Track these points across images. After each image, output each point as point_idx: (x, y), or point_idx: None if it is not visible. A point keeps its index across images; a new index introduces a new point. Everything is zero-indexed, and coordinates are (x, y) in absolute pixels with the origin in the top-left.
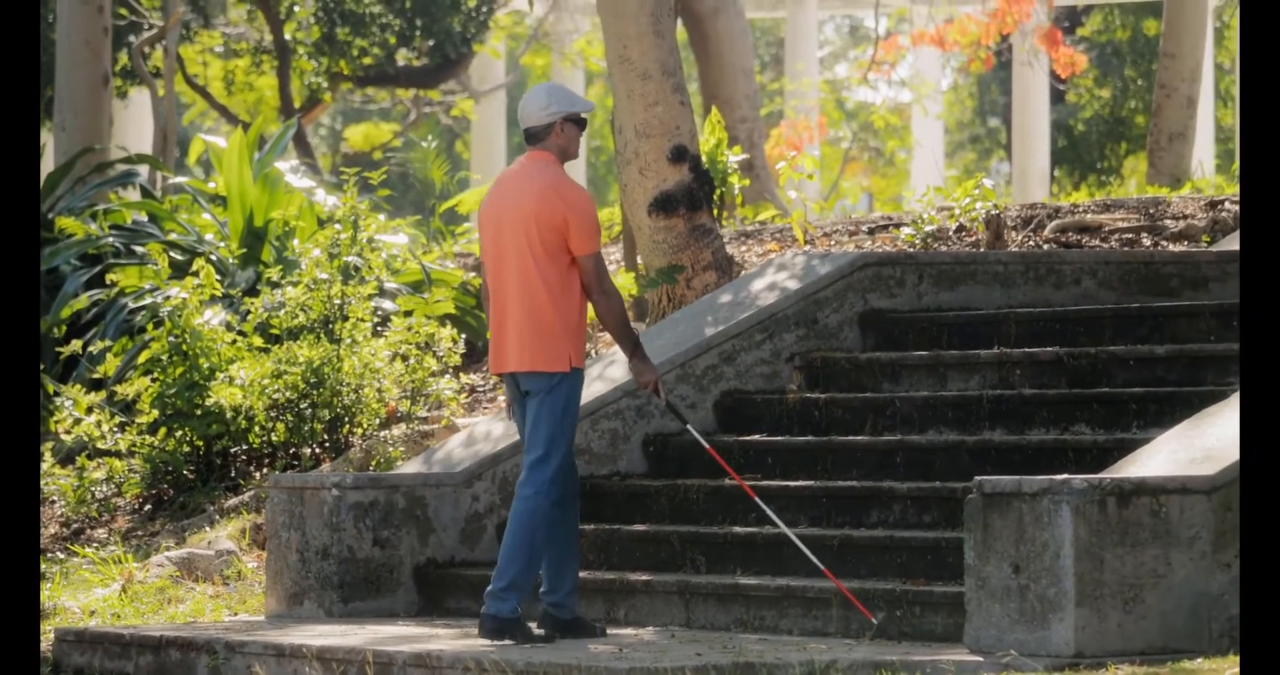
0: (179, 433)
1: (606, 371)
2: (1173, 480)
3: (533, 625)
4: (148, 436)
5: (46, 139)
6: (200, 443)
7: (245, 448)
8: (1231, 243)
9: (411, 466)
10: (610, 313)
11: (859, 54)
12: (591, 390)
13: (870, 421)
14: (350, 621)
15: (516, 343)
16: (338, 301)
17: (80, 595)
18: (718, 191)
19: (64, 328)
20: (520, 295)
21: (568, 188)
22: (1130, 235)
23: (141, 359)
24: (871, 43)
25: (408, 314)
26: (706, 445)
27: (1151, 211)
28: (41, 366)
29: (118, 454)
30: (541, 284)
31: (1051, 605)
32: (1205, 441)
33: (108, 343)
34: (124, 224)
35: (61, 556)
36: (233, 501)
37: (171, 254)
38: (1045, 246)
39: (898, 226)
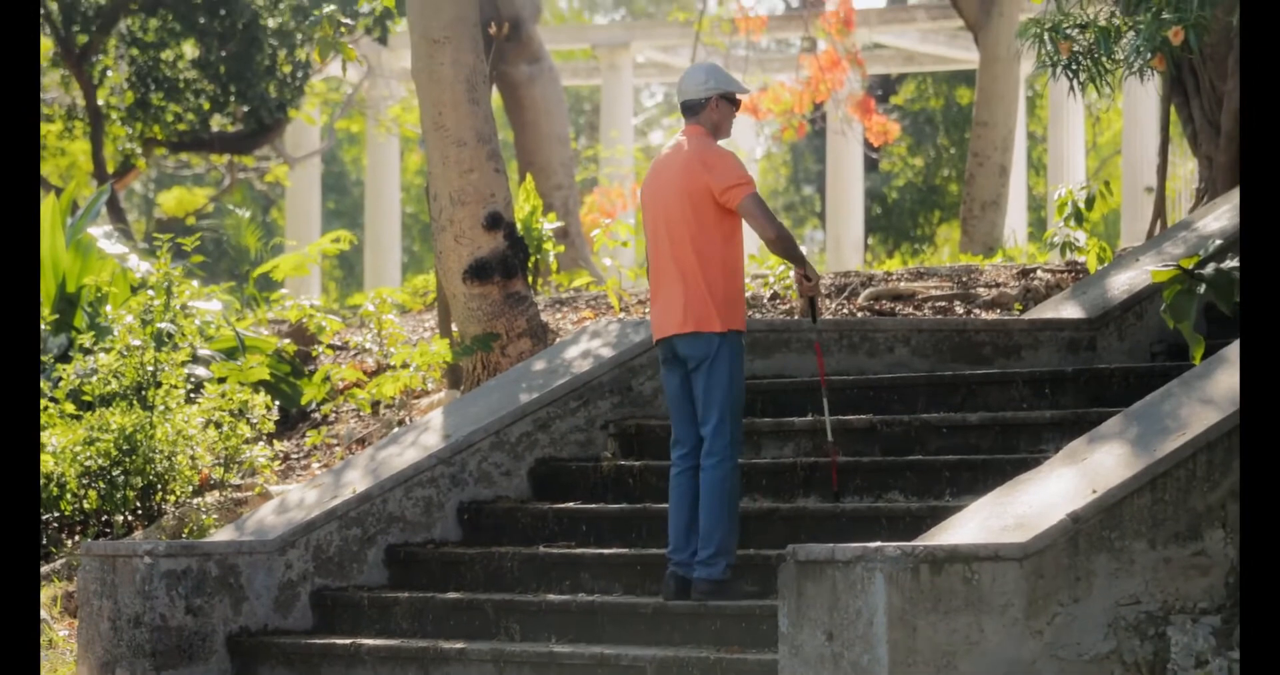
0: None
1: (420, 439)
2: (985, 548)
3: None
4: None
5: None
6: None
7: (57, 515)
8: (1043, 310)
9: (224, 534)
10: (779, 243)
11: (674, 121)
12: (406, 458)
13: None
14: None
15: (667, 309)
16: (151, 368)
17: None
18: (533, 259)
19: None
20: (675, 263)
21: (708, 151)
22: (943, 303)
23: None
24: None
25: (221, 381)
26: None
27: (964, 280)
28: None
29: None
30: (693, 251)
31: (865, 673)
32: (1017, 509)
33: None
34: None
35: None
36: (44, 569)
37: None
38: (859, 314)
39: None
